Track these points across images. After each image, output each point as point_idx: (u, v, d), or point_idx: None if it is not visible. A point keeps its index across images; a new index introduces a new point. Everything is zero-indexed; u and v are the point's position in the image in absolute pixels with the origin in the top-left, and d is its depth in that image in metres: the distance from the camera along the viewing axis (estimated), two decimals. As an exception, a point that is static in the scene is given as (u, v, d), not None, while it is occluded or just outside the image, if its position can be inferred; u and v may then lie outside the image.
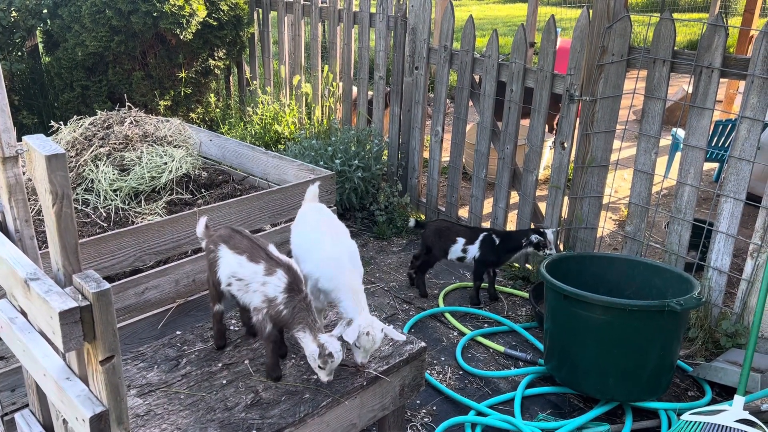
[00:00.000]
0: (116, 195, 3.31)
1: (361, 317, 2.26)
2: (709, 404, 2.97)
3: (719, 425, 2.52)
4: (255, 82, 6.53)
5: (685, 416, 2.62)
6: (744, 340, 3.24)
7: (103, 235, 2.66)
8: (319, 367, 2.15)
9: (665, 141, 6.05)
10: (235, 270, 2.29)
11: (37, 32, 5.86)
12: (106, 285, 1.43)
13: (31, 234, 1.87)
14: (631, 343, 2.81)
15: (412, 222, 3.85)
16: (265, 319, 2.21)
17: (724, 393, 3.10)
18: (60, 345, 1.43)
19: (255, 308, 2.24)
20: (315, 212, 2.63)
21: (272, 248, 2.32)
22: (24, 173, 2.68)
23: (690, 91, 3.41)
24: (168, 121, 3.89)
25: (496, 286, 4.00)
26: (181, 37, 5.43)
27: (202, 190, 3.59)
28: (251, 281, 2.24)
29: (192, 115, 6.13)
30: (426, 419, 2.95)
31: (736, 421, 2.51)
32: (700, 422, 2.55)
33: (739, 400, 2.59)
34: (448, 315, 3.77)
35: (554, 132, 4.62)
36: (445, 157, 4.96)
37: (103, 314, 1.43)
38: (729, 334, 3.31)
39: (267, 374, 2.29)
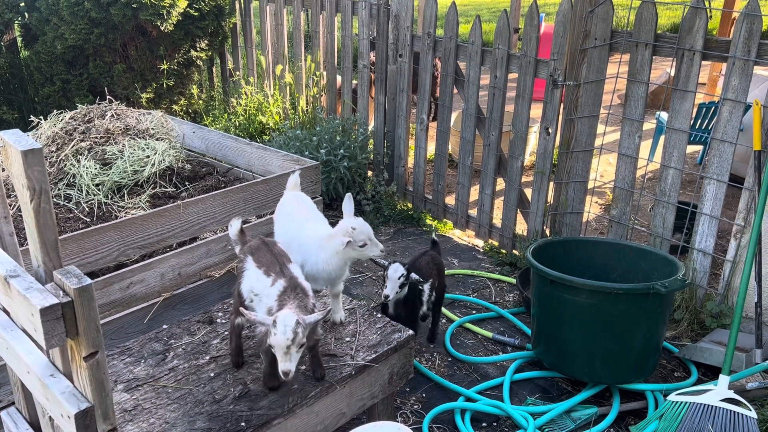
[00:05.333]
0: (99, 189, 3.28)
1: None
2: (695, 384, 3.00)
3: (705, 405, 2.55)
4: (238, 72, 6.48)
5: (672, 397, 2.65)
6: (729, 321, 3.28)
7: (86, 230, 2.64)
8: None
9: (649, 125, 6.09)
10: (253, 285, 2.19)
11: (15, 26, 5.76)
12: (88, 280, 1.42)
13: (11, 231, 1.85)
14: (617, 325, 2.84)
15: (435, 237, 3.52)
16: (268, 333, 2.08)
17: (710, 373, 3.13)
18: (42, 342, 1.42)
19: (262, 320, 2.11)
20: (292, 200, 2.67)
21: (291, 265, 2.22)
22: (2, 170, 2.64)
23: (673, 74, 3.42)
24: (150, 113, 3.85)
25: (485, 273, 4.00)
26: (162, 28, 5.37)
27: (186, 183, 3.56)
28: (263, 296, 2.15)
29: (175, 107, 6.07)
30: (416, 406, 2.96)
31: (722, 400, 2.55)
32: (687, 402, 2.58)
33: (724, 379, 2.62)
34: (436, 302, 3.78)
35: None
36: (432, 145, 4.96)
37: (86, 310, 1.42)
38: (714, 315, 3.34)
39: (264, 383, 2.20)
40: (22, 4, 5.46)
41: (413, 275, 2.94)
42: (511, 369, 3.15)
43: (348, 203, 2.53)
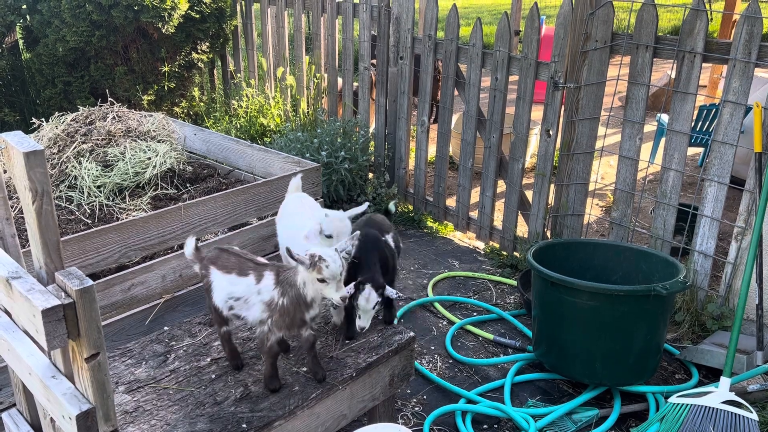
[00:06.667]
0: (100, 191, 3.28)
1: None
2: (696, 386, 3.00)
3: (706, 407, 2.54)
4: (239, 75, 6.48)
5: (673, 399, 2.65)
6: (730, 323, 3.28)
7: (87, 231, 2.64)
8: (319, 280, 1.96)
9: (650, 127, 6.09)
10: (229, 291, 2.17)
11: (17, 28, 5.78)
12: (89, 282, 1.42)
13: (13, 232, 1.85)
14: (618, 327, 2.84)
15: (392, 206, 3.09)
16: (271, 330, 2.11)
17: (711, 375, 3.13)
18: (44, 343, 1.42)
19: (260, 321, 2.15)
20: (295, 200, 2.68)
21: (260, 258, 2.23)
22: (5, 171, 2.65)
23: (673, 76, 3.43)
24: (151, 115, 3.86)
25: (486, 275, 4.01)
26: (163, 30, 5.38)
27: (187, 185, 3.57)
28: (248, 296, 2.13)
29: (176, 109, 6.08)
30: (416, 408, 2.96)
31: (723, 402, 2.54)
32: (688, 404, 2.58)
33: (725, 381, 2.62)
34: (437, 304, 3.78)
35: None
36: (432, 147, 4.96)
37: (87, 311, 1.42)
38: (715, 317, 3.34)
39: (265, 385, 2.20)
40: (24, 6, 5.47)
41: (389, 291, 2.38)
42: (512, 371, 3.14)
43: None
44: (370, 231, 2.52)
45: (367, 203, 2.50)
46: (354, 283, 2.32)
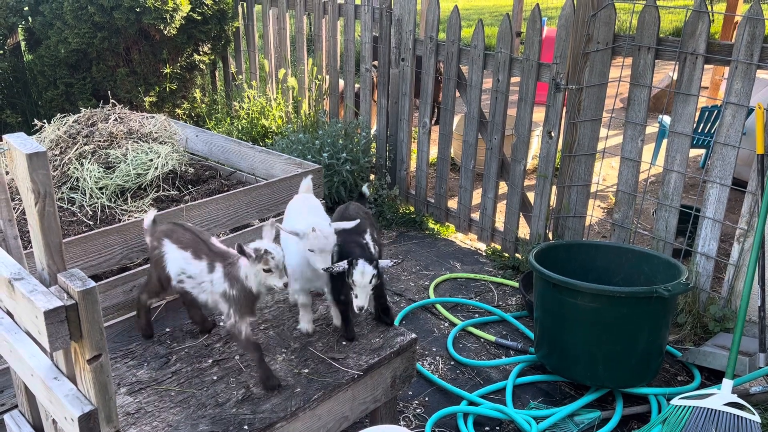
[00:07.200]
0: (102, 193, 3.28)
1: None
2: (698, 388, 2.99)
3: (708, 409, 2.54)
4: (241, 76, 6.49)
5: (675, 401, 2.64)
6: (732, 324, 3.27)
7: (89, 233, 2.64)
8: (265, 270, 2.07)
9: (652, 128, 6.09)
10: (182, 266, 2.30)
11: (19, 30, 5.79)
12: (92, 283, 1.42)
13: (15, 234, 1.86)
14: (620, 329, 2.83)
15: (365, 189, 2.96)
16: (237, 320, 2.17)
17: (713, 377, 3.13)
18: (46, 345, 1.42)
19: (225, 314, 2.25)
20: (297, 202, 2.68)
21: (214, 240, 2.35)
22: (7, 173, 2.65)
23: (675, 77, 3.43)
24: (153, 117, 3.86)
25: (488, 276, 4.00)
26: (165, 32, 5.39)
27: (189, 186, 3.57)
28: (202, 279, 2.26)
29: (178, 111, 6.09)
30: (418, 410, 2.95)
31: (725, 404, 2.54)
32: (690, 406, 2.58)
33: (727, 383, 2.62)
34: (439, 306, 3.78)
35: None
36: (434, 148, 4.96)
37: (89, 313, 1.42)
38: (717, 319, 3.34)
39: (264, 386, 2.20)
40: (26, 8, 5.48)
41: (386, 262, 2.35)
42: (514, 373, 3.14)
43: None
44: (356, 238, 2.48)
45: (357, 221, 2.43)
46: (346, 261, 2.28)
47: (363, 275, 2.27)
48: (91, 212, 3.19)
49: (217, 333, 2.53)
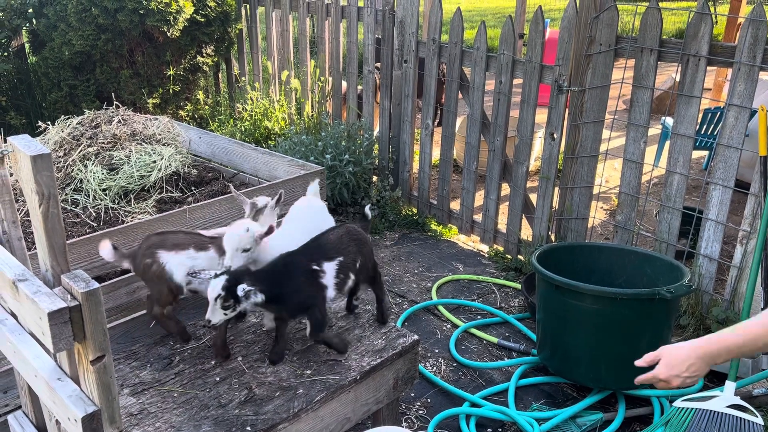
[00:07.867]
0: (105, 194, 3.30)
1: None
2: (701, 390, 2.99)
3: (711, 411, 2.53)
4: (244, 78, 6.50)
5: (677, 403, 2.64)
6: (735, 326, 3.26)
7: (93, 234, 2.65)
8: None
9: (654, 130, 6.08)
10: (190, 266, 2.29)
11: (23, 32, 5.81)
12: (95, 284, 1.43)
13: (19, 235, 1.86)
14: (622, 331, 2.83)
15: (368, 211, 2.73)
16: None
17: (716, 379, 3.12)
18: (50, 346, 1.42)
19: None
20: (298, 204, 2.69)
21: (203, 231, 2.39)
22: (11, 174, 2.66)
23: (678, 79, 3.43)
24: (156, 119, 3.87)
25: (490, 278, 4.00)
26: (169, 34, 5.40)
27: (192, 188, 3.58)
28: (213, 267, 2.25)
29: (181, 112, 6.10)
30: (420, 411, 2.96)
31: (728, 406, 2.53)
32: (692, 408, 2.57)
33: (730, 385, 2.61)
34: (441, 308, 3.78)
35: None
36: (436, 150, 4.97)
37: (93, 314, 1.43)
38: (720, 321, 3.33)
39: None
40: (30, 10, 5.50)
41: (243, 287, 2.12)
42: (516, 374, 3.14)
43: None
44: (295, 258, 2.30)
45: (274, 232, 2.35)
46: (214, 271, 2.17)
47: (212, 290, 2.13)
48: (94, 214, 3.21)
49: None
